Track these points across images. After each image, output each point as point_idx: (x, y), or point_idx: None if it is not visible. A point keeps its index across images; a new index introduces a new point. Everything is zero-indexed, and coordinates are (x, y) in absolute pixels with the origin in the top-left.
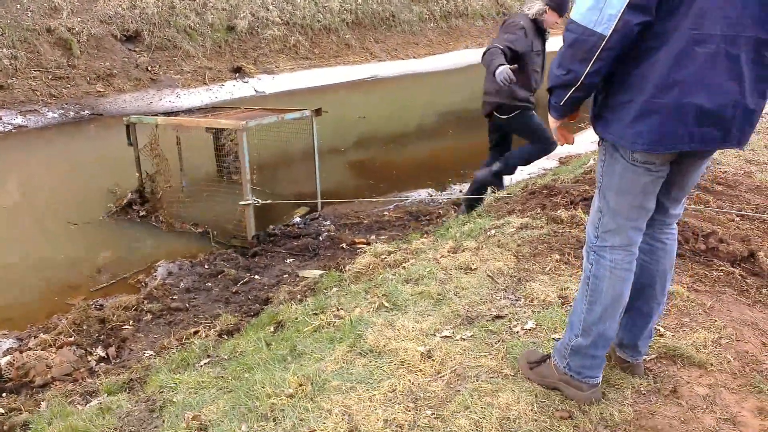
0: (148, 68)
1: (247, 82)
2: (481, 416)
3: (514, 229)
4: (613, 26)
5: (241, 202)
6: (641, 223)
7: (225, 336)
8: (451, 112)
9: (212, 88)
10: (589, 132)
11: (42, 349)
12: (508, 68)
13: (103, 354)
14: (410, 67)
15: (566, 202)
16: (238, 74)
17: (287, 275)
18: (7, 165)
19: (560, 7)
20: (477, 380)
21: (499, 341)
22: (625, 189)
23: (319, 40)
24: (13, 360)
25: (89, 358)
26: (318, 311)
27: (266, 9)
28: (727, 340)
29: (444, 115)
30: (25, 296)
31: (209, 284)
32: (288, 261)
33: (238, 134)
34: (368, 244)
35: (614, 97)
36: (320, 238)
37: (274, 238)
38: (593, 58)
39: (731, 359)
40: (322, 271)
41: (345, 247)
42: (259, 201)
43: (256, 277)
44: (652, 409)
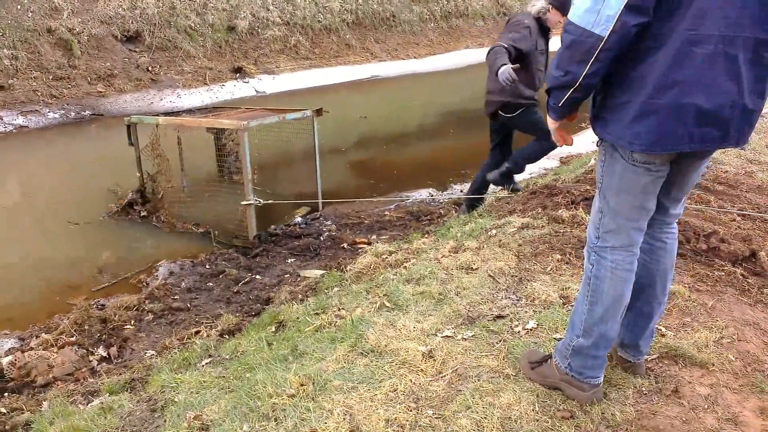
0: (149, 68)
1: (247, 82)
2: (482, 416)
3: (516, 229)
4: (610, 27)
5: (242, 202)
6: (642, 224)
7: (226, 336)
8: (452, 112)
9: (213, 89)
10: (590, 132)
11: (44, 349)
12: (510, 68)
13: (104, 354)
14: (411, 67)
15: (567, 201)
16: (238, 74)
17: (288, 275)
18: (8, 165)
19: (563, 6)
20: (478, 380)
21: (500, 341)
22: (625, 189)
23: (319, 41)
24: (15, 360)
25: (91, 357)
26: (319, 311)
27: (267, 9)
28: (729, 340)
29: (444, 115)
30: (26, 296)
31: (210, 284)
32: (289, 261)
33: (240, 134)
34: (369, 244)
35: (613, 97)
36: (321, 238)
37: (276, 238)
38: (591, 60)
39: (733, 359)
40: (323, 271)
41: (346, 247)
42: (260, 201)
43: (258, 277)
44: (653, 409)
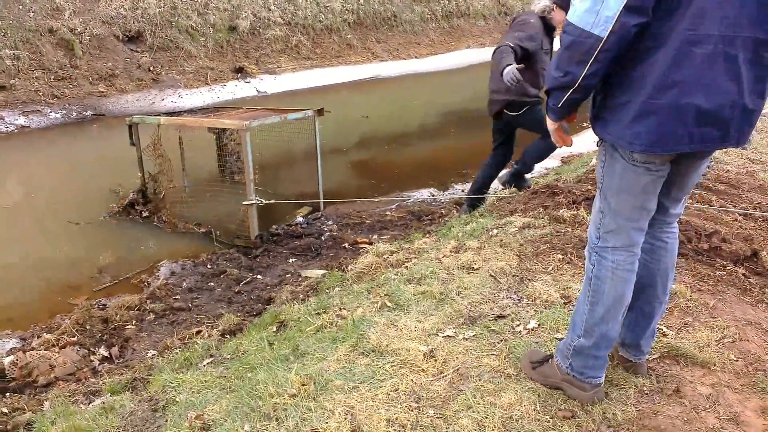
0: (150, 68)
1: (249, 82)
2: (483, 416)
3: (517, 229)
4: (610, 28)
5: (244, 202)
6: (643, 224)
7: (228, 336)
8: (453, 111)
9: (214, 89)
10: (591, 132)
11: (45, 349)
12: (515, 68)
13: (106, 354)
14: (412, 67)
15: (568, 201)
16: (240, 74)
17: (289, 275)
18: (10, 165)
19: (567, 5)
20: (480, 380)
21: (501, 341)
22: (626, 189)
23: (320, 41)
24: (17, 360)
25: (92, 357)
26: (320, 311)
27: (268, 9)
28: (730, 340)
29: (446, 114)
30: (28, 296)
31: (212, 284)
32: (290, 261)
33: (242, 134)
34: (370, 243)
35: (613, 97)
36: (322, 238)
37: (277, 237)
38: (590, 60)
39: (734, 359)
40: (324, 271)
41: (347, 246)
42: (262, 201)
43: (259, 276)
44: (655, 408)
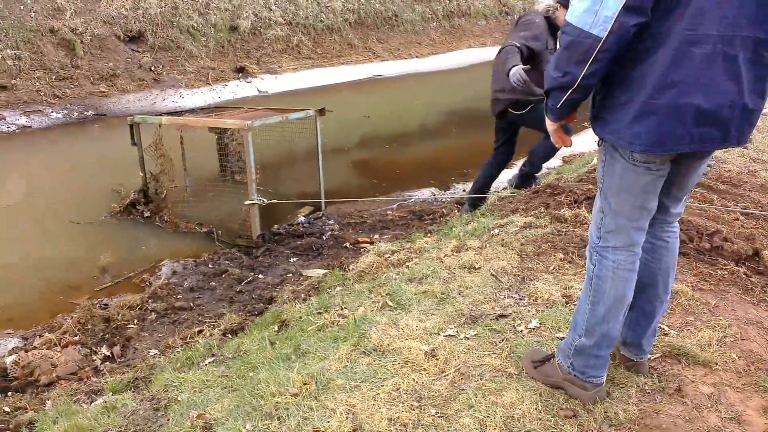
0: (152, 68)
1: (250, 82)
2: (485, 415)
3: (518, 228)
4: (609, 28)
5: (246, 201)
6: (643, 223)
7: (229, 335)
8: (454, 111)
9: (215, 88)
10: (592, 131)
11: (47, 348)
12: (522, 68)
13: (107, 353)
14: (413, 66)
15: (570, 200)
16: (241, 74)
17: (291, 274)
18: (12, 165)
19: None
20: (481, 379)
21: (503, 340)
22: (626, 189)
23: (321, 40)
24: (19, 359)
25: (94, 357)
26: (322, 310)
27: (269, 9)
28: (732, 339)
29: (447, 114)
30: (29, 296)
31: (213, 283)
32: (292, 260)
33: (244, 134)
34: (372, 243)
35: (612, 97)
36: (324, 238)
37: (279, 237)
38: (590, 60)
39: (736, 358)
40: (325, 271)
41: (349, 246)
42: (264, 201)
43: (260, 276)
44: (656, 407)
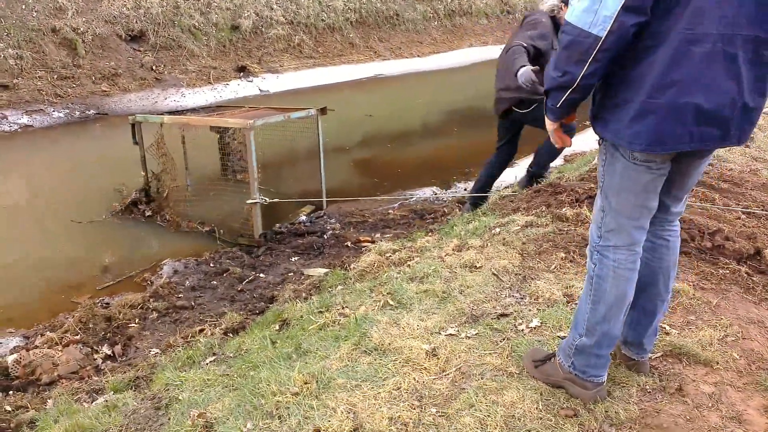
0: (153, 68)
1: (251, 81)
2: (486, 414)
3: (519, 227)
4: (608, 28)
5: (248, 200)
6: (644, 222)
7: (230, 334)
8: (456, 110)
9: (217, 88)
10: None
11: (48, 348)
12: (530, 70)
13: (109, 352)
14: (414, 65)
15: (571, 200)
16: (242, 73)
17: (292, 273)
18: (14, 164)
19: None
20: (482, 378)
21: (504, 339)
22: (627, 188)
23: (323, 39)
24: (20, 358)
25: (95, 356)
26: (323, 309)
27: (270, 8)
28: (733, 338)
29: (448, 113)
30: (31, 295)
31: (215, 282)
32: (293, 259)
33: (246, 133)
34: (373, 242)
35: (612, 97)
36: (325, 237)
37: (280, 236)
38: (589, 60)
39: (737, 357)
40: (327, 270)
41: (350, 245)
42: (266, 200)
43: (261, 275)
44: (657, 407)
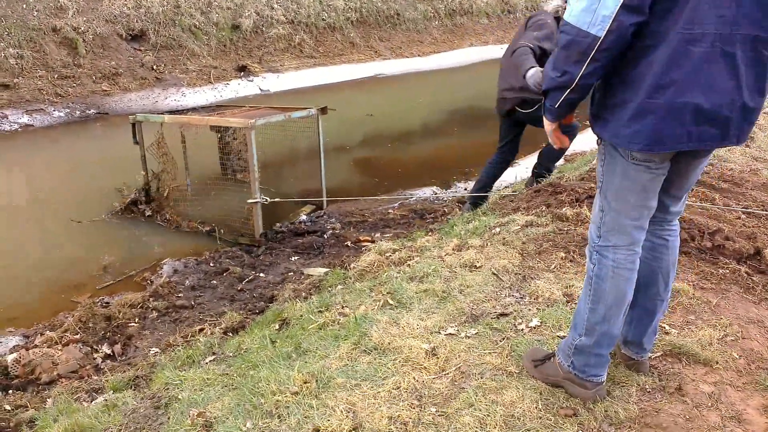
0: (154, 67)
1: (252, 80)
2: (485, 414)
3: (519, 227)
4: (607, 27)
5: (249, 200)
6: (643, 222)
7: (230, 333)
8: (456, 110)
9: (217, 87)
10: None
11: (48, 347)
12: (540, 71)
13: (108, 351)
14: (415, 65)
15: (571, 199)
16: (243, 73)
17: (292, 273)
18: (14, 164)
19: None
20: (481, 378)
21: (503, 339)
22: (626, 188)
23: (323, 39)
24: (20, 357)
25: (95, 355)
26: (323, 309)
27: (271, 8)
28: (733, 338)
29: (448, 113)
30: (31, 294)
31: (214, 282)
32: (293, 259)
33: (247, 133)
34: (373, 242)
35: (611, 97)
36: (325, 236)
37: (280, 235)
38: (588, 60)
39: (737, 357)
40: (326, 269)
41: (350, 244)
42: (267, 199)
43: (261, 275)
44: (657, 406)
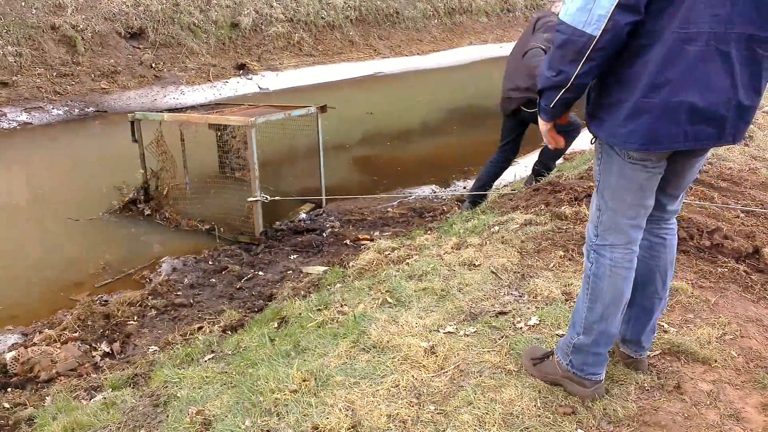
0: (153, 65)
1: (251, 79)
2: (484, 412)
3: (518, 226)
4: (602, 26)
5: (249, 198)
6: (640, 221)
7: (229, 331)
8: (455, 108)
9: (216, 85)
10: None
11: (47, 345)
12: None
13: (107, 349)
14: (414, 63)
15: (570, 198)
16: (242, 71)
17: (291, 271)
18: (12, 162)
19: None
20: (480, 376)
21: (502, 337)
22: (623, 187)
23: (323, 37)
24: (19, 355)
25: (94, 353)
26: (322, 307)
27: (270, 6)
28: (732, 337)
29: (448, 111)
30: (29, 292)
31: (213, 280)
32: (292, 257)
33: (247, 131)
34: (372, 240)
35: (607, 96)
36: (324, 235)
37: (280, 234)
38: (583, 59)
39: (735, 355)
40: (325, 267)
41: (349, 243)
42: (267, 198)
43: (260, 273)
44: (655, 404)
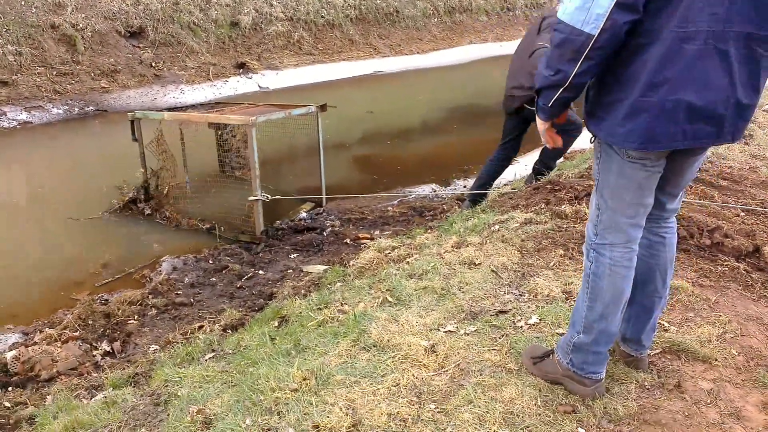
0: (152, 64)
1: (251, 78)
2: (484, 410)
3: (518, 224)
4: (601, 25)
5: (249, 197)
6: (640, 220)
7: (229, 330)
8: (455, 107)
9: (216, 84)
10: None
11: (47, 344)
12: None
13: (108, 348)
14: (414, 62)
15: (570, 197)
16: (242, 70)
17: (291, 270)
18: (12, 161)
19: None
20: (481, 375)
21: (502, 336)
22: (622, 186)
23: (322, 36)
24: (19, 354)
25: (94, 352)
26: (322, 306)
27: (270, 5)
28: (732, 335)
29: (448, 110)
30: (30, 291)
31: (214, 279)
32: (292, 256)
33: (248, 130)
34: (372, 239)
35: (606, 95)
36: (324, 234)
37: (280, 233)
38: (582, 58)
39: (736, 354)
40: (326, 266)
41: (349, 242)
42: (268, 197)
43: (261, 272)
44: (656, 403)
